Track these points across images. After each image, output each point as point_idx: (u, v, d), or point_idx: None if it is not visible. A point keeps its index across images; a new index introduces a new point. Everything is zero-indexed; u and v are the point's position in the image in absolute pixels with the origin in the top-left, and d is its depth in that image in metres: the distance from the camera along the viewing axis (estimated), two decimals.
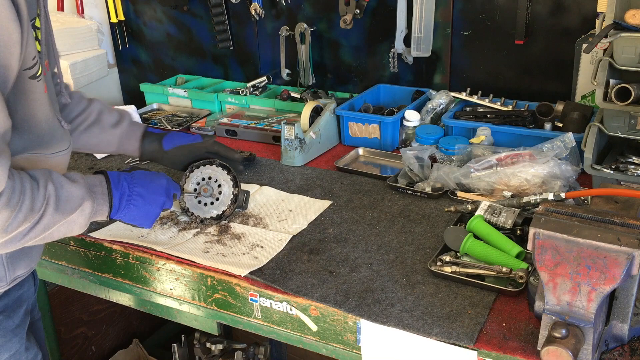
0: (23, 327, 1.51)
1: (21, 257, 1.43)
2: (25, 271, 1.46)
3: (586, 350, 1.17)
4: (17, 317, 1.49)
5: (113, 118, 1.74)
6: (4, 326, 1.45)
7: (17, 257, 1.41)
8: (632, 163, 1.81)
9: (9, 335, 1.46)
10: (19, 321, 1.50)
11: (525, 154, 1.85)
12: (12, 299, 1.48)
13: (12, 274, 1.41)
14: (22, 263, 1.44)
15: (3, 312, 1.45)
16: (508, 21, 2.28)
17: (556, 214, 1.19)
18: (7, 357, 1.45)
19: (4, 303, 1.46)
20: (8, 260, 1.39)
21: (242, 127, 2.46)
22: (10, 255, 1.39)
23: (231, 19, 2.84)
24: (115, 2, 3.03)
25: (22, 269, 1.44)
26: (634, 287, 1.19)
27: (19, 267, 1.43)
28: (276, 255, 1.63)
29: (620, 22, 1.69)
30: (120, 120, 1.75)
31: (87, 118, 1.70)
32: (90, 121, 1.70)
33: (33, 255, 1.48)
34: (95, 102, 1.73)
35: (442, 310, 1.39)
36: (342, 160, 2.18)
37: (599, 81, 1.74)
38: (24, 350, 1.50)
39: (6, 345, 1.45)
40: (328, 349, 1.52)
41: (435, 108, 2.31)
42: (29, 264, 1.47)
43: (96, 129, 1.71)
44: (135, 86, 3.04)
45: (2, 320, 1.45)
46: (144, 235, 1.76)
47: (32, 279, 1.60)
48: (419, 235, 1.70)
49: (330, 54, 2.69)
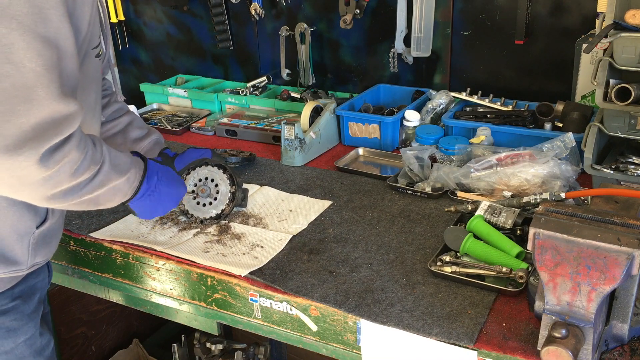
0: (38, 313, 1.57)
1: (43, 245, 1.48)
2: (43, 259, 1.51)
3: (586, 350, 1.17)
4: (33, 304, 1.54)
5: (138, 133, 1.79)
6: (20, 310, 1.50)
7: (40, 244, 1.46)
8: (632, 163, 1.81)
9: (25, 319, 1.51)
10: (34, 307, 1.55)
11: (525, 154, 1.85)
12: (29, 286, 1.53)
13: (33, 260, 1.46)
14: (42, 251, 1.49)
15: (20, 297, 1.50)
16: (508, 21, 2.28)
17: (556, 214, 1.19)
18: (23, 339, 1.51)
19: (21, 289, 1.50)
20: (33, 247, 1.44)
21: (242, 127, 2.46)
22: (36, 242, 1.44)
23: (231, 19, 2.84)
24: (115, 2, 3.03)
25: (41, 256, 1.49)
26: (634, 287, 1.19)
27: (39, 254, 1.48)
28: (276, 255, 1.63)
29: (620, 22, 1.69)
30: (144, 137, 1.80)
31: (116, 125, 1.76)
32: (118, 129, 1.77)
33: (52, 244, 1.53)
34: (128, 115, 1.81)
35: (442, 310, 1.39)
36: (342, 160, 2.18)
37: (599, 81, 1.74)
38: (39, 335, 1.56)
39: (22, 329, 1.50)
40: (328, 349, 1.52)
41: (435, 108, 2.31)
42: (47, 253, 1.52)
43: (120, 138, 1.77)
44: (135, 86, 3.04)
45: (19, 305, 1.50)
46: (144, 235, 1.77)
47: (47, 270, 1.65)
48: (419, 235, 1.70)
49: (330, 54, 2.69)
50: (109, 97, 1.77)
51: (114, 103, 1.78)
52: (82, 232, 1.79)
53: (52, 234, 1.50)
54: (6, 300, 1.47)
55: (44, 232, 1.46)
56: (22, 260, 1.43)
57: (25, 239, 1.42)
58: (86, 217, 1.86)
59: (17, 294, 1.49)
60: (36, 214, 1.42)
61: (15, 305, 1.48)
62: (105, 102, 1.75)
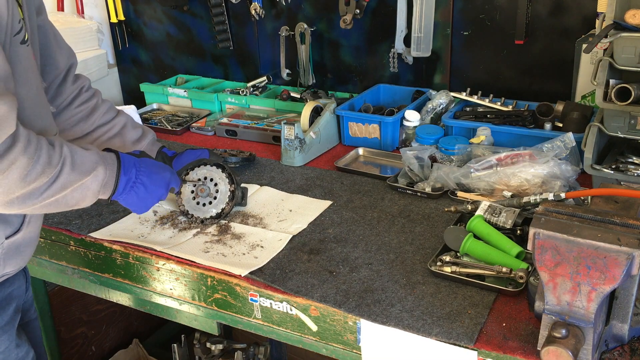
0: (13, 324, 1.51)
1: (15, 255, 1.43)
2: (13, 269, 1.47)
3: (586, 350, 1.17)
4: (7, 315, 1.49)
5: (135, 134, 1.77)
6: None
7: (12, 254, 1.42)
8: (632, 163, 1.81)
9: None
10: (9, 318, 1.49)
11: (525, 154, 1.85)
12: (2, 297, 1.48)
13: (2, 270, 1.42)
14: (13, 261, 1.44)
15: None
16: (508, 21, 2.28)
17: (556, 214, 1.19)
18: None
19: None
20: (2, 257, 1.39)
21: (242, 127, 2.46)
22: (5, 252, 1.39)
23: (231, 19, 2.84)
24: (115, 2, 3.03)
25: (11, 266, 1.45)
26: (634, 287, 1.19)
27: (9, 265, 1.43)
28: (276, 255, 1.63)
29: (620, 22, 1.69)
30: (140, 138, 1.78)
31: (111, 129, 1.73)
32: (113, 133, 1.74)
33: (25, 254, 1.48)
34: (122, 116, 1.77)
35: (442, 310, 1.39)
36: (342, 160, 2.18)
37: (599, 81, 1.74)
38: (15, 347, 1.51)
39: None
40: (328, 349, 1.52)
41: (435, 108, 2.31)
42: (20, 262, 1.48)
43: (118, 141, 1.75)
44: (135, 86, 3.04)
45: None
46: (144, 235, 1.76)
47: (24, 277, 1.60)
48: (419, 235, 1.70)
49: (330, 54, 2.69)
50: (96, 99, 1.72)
51: (102, 104, 1.73)
52: (82, 232, 1.79)
53: (26, 242, 1.46)
54: None
55: (17, 242, 1.41)
56: None
57: None
58: (86, 217, 1.86)
59: None
60: (7, 223, 1.37)
61: None
62: (94, 104, 1.70)
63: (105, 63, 3.04)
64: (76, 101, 1.67)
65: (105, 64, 3.04)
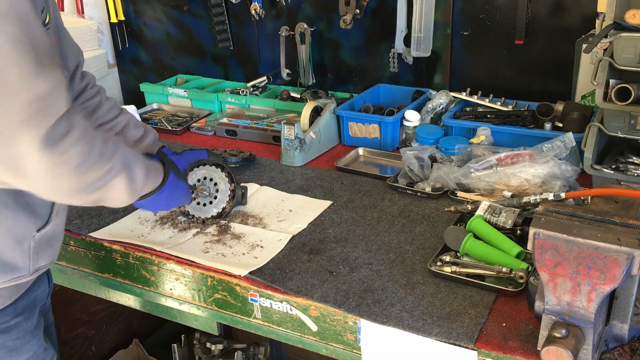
0: (40, 328, 1.53)
1: (46, 248, 1.43)
2: (47, 262, 1.46)
3: (586, 350, 1.17)
4: (34, 318, 1.50)
5: (137, 133, 1.77)
6: (23, 328, 1.46)
7: (43, 247, 1.42)
8: (632, 163, 1.81)
9: (28, 336, 1.47)
10: (37, 322, 1.51)
11: (525, 154, 1.85)
12: (30, 300, 1.49)
13: (36, 264, 1.41)
14: (45, 254, 1.43)
15: (22, 313, 1.46)
16: (508, 21, 2.28)
17: (556, 214, 1.19)
18: (25, 358, 1.47)
19: (24, 304, 1.46)
20: (34, 251, 1.39)
21: (242, 127, 2.46)
22: (37, 245, 1.39)
23: (231, 19, 2.84)
24: (115, 2, 3.03)
25: (45, 260, 1.44)
26: (634, 287, 1.19)
27: (42, 258, 1.43)
28: (276, 255, 1.63)
29: (620, 22, 1.69)
30: (142, 138, 1.78)
31: (113, 127, 1.73)
32: (116, 131, 1.74)
33: (55, 247, 1.49)
34: (125, 114, 1.77)
35: (442, 310, 1.39)
36: (342, 160, 2.18)
37: (599, 81, 1.74)
38: (42, 351, 1.52)
39: (25, 347, 1.46)
40: (328, 349, 1.52)
41: (435, 108, 2.31)
42: (52, 255, 1.47)
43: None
44: (135, 86, 3.04)
45: (22, 322, 1.45)
46: (143, 235, 1.76)
47: (47, 280, 1.61)
48: (419, 235, 1.70)
49: (330, 54, 2.69)
50: (100, 96, 1.71)
51: (106, 102, 1.72)
52: (82, 232, 1.79)
53: (56, 235, 1.46)
54: (8, 317, 1.42)
55: (48, 235, 1.41)
56: (23, 265, 1.37)
57: (24, 244, 1.36)
58: (86, 217, 1.86)
59: (20, 310, 1.44)
60: (36, 216, 1.37)
61: (17, 323, 1.44)
62: (97, 102, 1.69)
63: (105, 63, 3.04)
64: (80, 98, 1.67)
65: (105, 64, 3.04)
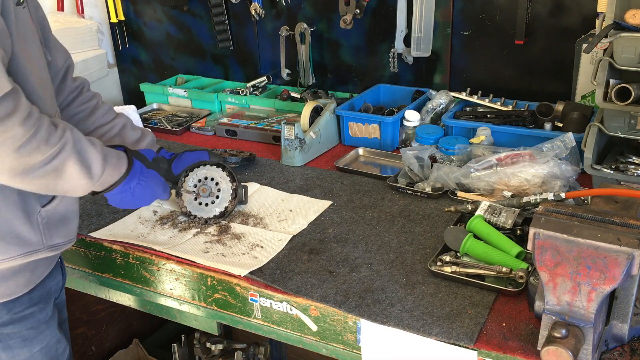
0: (54, 320, 1.56)
1: (58, 225, 1.45)
2: (63, 241, 1.48)
3: (586, 350, 1.17)
4: (49, 310, 1.53)
5: (135, 135, 1.78)
6: (37, 318, 1.49)
7: (54, 224, 1.43)
8: (632, 163, 1.81)
9: (42, 327, 1.50)
10: (51, 313, 1.54)
11: (525, 154, 1.85)
12: (46, 291, 1.51)
13: (49, 240, 1.43)
14: (59, 231, 1.45)
15: (37, 303, 1.48)
16: (508, 21, 2.28)
17: (556, 214, 1.19)
18: (39, 348, 1.50)
19: (39, 294, 1.48)
20: (44, 226, 1.41)
21: (242, 127, 2.46)
22: (46, 221, 1.41)
23: (231, 19, 2.84)
24: (115, 2, 3.03)
25: (59, 237, 1.46)
26: (634, 287, 1.19)
27: (55, 235, 1.44)
28: (276, 255, 1.63)
29: (620, 22, 1.69)
30: (140, 139, 1.79)
31: (111, 129, 1.74)
32: (113, 133, 1.75)
33: (70, 226, 1.50)
34: (122, 117, 1.78)
35: (442, 310, 1.39)
36: (342, 160, 2.18)
37: (599, 81, 1.74)
38: (55, 343, 1.55)
39: (39, 338, 1.49)
40: (328, 349, 1.52)
41: (435, 108, 2.31)
42: (67, 235, 1.49)
43: (117, 141, 1.75)
44: (135, 86, 3.04)
45: (36, 312, 1.48)
46: (143, 235, 1.76)
47: (61, 272, 1.64)
48: (419, 235, 1.70)
49: (330, 54, 2.69)
50: (96, 100, 1.73)
51: (102, 105, 1.74)
52: (82, 232, 1.79)
53: (68, 214, 1.47)
54: (23, 307, 1.44)
55: (56, 212, 1.43)
56: (34, 239, 1.39)
57: (32, 217, 1.38)
58: (86, 217, 1.86)
59: (36, 300, 1.47)
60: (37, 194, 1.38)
61: (32, 313, 1.46)
62: (94, 105, 1.71)
63: (105, 63, 3.04)
64: (77, 101, 1.69)
65: (105, 64, 3.04)
